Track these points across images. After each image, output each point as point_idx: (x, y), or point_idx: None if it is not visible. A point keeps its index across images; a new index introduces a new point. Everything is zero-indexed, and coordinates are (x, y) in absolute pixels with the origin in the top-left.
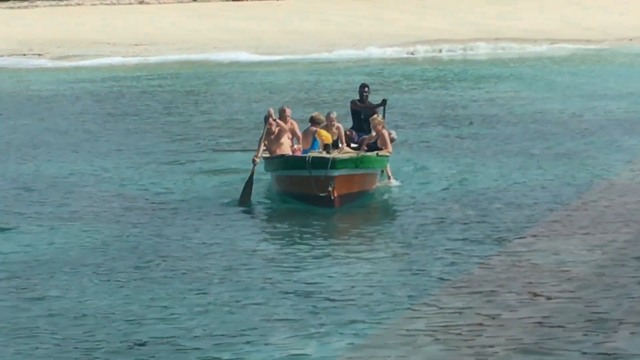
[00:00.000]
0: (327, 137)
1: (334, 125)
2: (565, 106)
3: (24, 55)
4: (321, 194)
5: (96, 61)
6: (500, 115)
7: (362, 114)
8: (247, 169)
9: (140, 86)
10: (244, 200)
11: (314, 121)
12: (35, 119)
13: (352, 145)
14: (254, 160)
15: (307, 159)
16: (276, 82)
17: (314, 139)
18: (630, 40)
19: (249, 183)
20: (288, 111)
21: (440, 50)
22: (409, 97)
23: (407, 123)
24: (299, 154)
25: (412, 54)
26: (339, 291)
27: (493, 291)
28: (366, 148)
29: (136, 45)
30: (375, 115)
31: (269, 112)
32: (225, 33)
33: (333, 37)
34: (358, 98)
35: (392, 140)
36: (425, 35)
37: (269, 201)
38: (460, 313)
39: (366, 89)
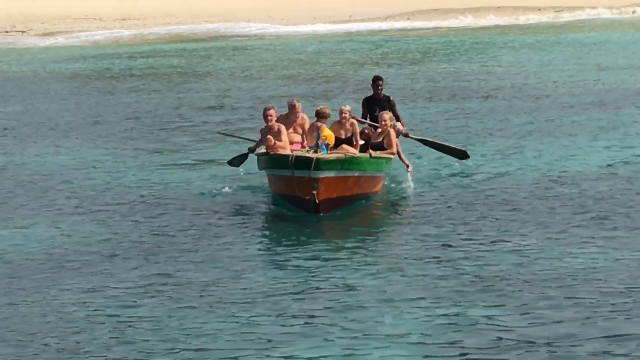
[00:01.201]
0: (329, 136)
1: (347, 120)
2: None
3: (7, 32)
4: (305, 197)
5: (83, 36)
6: None
7: (376, 109)
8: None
9: (132, 64)
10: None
11: (319, 115)
12: (18, 100)
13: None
14: (249, 149)
15: (290, 158)
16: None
17: (318, 136)
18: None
19: (243, 155)
20: (298, 106)
21: None
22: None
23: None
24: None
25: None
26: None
27: (544, 302)
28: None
29: (123, 20)
30: (346, 108)
31: (267, 113)
32: (217, 4)
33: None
34: (370, 94)
35: (400, 134)
36: None
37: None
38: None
39: (380, 82)
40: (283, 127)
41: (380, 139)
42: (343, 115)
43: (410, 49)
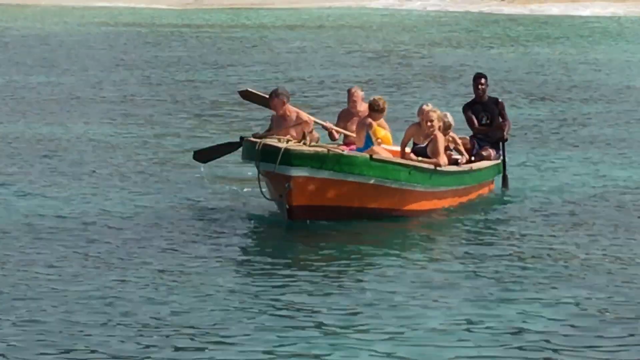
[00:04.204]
0: (385, 137)
1: (430, 126)
2: None
3: None
4: (272, 198)
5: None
6: None
7: (482, 117)
8: None
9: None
10: (201, 156)
11: (371, 108)
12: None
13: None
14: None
15: (256, 146)
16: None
17: (368, 136)
18: None
19: (221, 147)
20: (358, 94)
21: None
22: None
23: None
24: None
25: None
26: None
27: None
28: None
29: None
30: (425, 107)
31: (280, 95)
32: None
33: None
34: (471, 99)
35: (448, 127)
36: None
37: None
38: None
39: (482, 80)
40: (303, 115)
41: (425, 144)
42: (425, 118)
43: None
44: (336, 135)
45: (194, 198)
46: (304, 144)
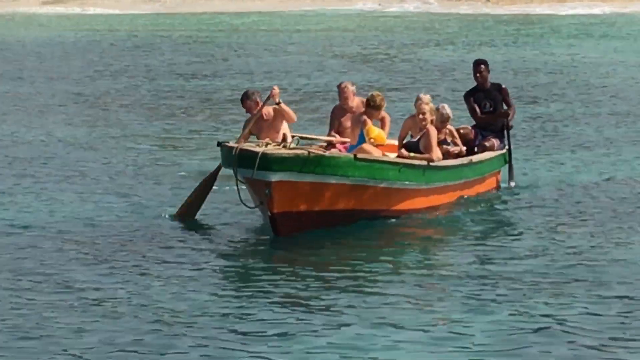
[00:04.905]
0: (378, 136)
1: (423, 118)
2: None
3: None
4: (252, 206)
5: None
6: None
7: (485, 104)
8: None
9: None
10: (185, 210)
11: (368, 105)
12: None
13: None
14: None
15: (233, 151)
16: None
17: (362, 134)
18: None
19: (204, 185)
20: (349, 89)
21: None
22: None
23: None
24: (342, 150)
25: None
26: None
27: None
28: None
29: None
30: (423, 96)
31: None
32: None
33: None
34: (473, 86)
35: (446, 119)
36: None
37: None
38: None
39: (482, 66)
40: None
41: (417, 138)
42: (418, 111)
43: None
44: (339, 146)
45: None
46: (284, 146)
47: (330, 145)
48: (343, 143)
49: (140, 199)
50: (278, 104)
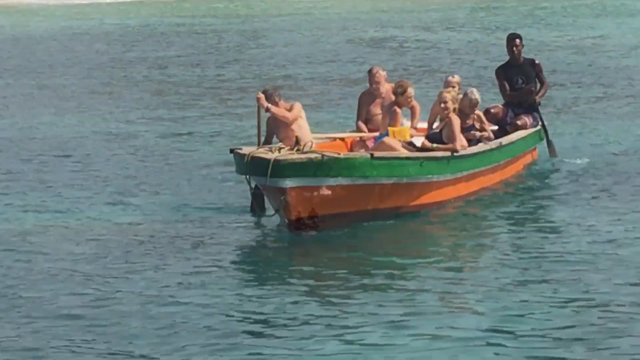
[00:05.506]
0: (403, 130)
1: (446, 105)
2: None
3: None
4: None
5: None
6: None
7: (517, 80)
8: None
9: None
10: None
11: (394, 92)
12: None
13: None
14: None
15: (245, 158)
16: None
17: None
18: None
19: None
20: (380, 74)
21: None
22: None
23: None
24: (369, 142)
25: None
26: None
27: None
28: (429, 143)
29: None
30: (451, 79)
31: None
32: None
33: None
34: (506, 61)
35: (475, 104)
36: None
37: None
38: None
39: (517, 40)
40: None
41: (439, 128)
42: (439, 100)
43: None
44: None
45: (198, 203)
46: (297, 150)
47: (362, 140)
48: (373, 137)
49: (162, 195)
50: (267, 110)
